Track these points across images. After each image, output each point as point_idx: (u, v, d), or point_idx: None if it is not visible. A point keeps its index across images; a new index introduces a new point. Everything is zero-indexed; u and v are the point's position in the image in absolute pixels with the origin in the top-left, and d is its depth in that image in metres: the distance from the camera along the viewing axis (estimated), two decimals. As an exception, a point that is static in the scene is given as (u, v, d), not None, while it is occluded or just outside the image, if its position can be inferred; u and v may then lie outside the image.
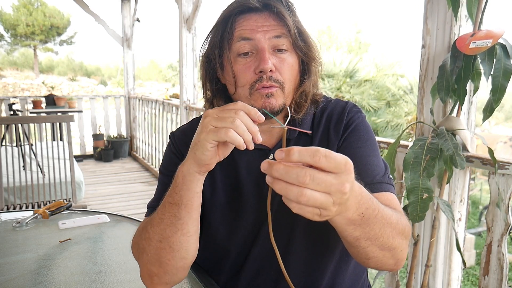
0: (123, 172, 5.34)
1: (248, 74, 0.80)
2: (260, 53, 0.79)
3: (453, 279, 1.69)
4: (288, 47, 0.81)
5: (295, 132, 0.87)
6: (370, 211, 0.61)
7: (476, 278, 3.79)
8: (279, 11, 0.80)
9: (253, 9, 0.81)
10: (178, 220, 0.74)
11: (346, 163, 0.50)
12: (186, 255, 0.78)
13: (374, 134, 0.89)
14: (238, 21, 0.82)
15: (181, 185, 0.72)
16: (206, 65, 0.87)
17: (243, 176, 0.87)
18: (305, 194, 0.48)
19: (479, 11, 1.45)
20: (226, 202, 0.88)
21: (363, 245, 0.66)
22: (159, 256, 0.77)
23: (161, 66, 28.63)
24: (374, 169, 0.82)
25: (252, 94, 0.80)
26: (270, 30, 0.80)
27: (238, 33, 0.81)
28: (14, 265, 0.99)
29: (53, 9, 23.10)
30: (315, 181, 0.48)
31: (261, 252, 0.87)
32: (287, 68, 0.81)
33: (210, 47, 0.86)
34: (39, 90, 19.78)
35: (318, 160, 0.48)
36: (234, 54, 0.81)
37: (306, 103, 0.85)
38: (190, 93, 4.10)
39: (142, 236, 0.80)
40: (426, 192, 1.40)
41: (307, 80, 0.84)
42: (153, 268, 0.78)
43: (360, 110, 0.91)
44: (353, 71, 10.40)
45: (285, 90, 0.81)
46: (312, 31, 0.86)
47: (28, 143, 2.98)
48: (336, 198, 0.50)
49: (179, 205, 0.73)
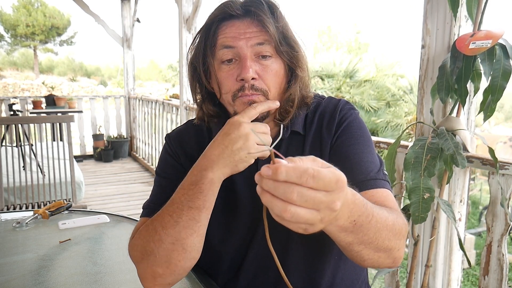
0: (123, 172, 5.34)
1: (230, 82, 0.81)
2: (242, 61, 0.79)
3: (453, 279, 1.69)
4: (272, 53, 0.81)
5: (288, 131, 0.87)
6: (363, 218, 0.59)
7: (476, 278, 3.79)
8: (260, 17, 0.79)
9: (235, 16, 0.81)
10: (197, 223, 0.75)
11: (338, 181, 0.48)
12: (196, 255, 0.79)
13: (368, 131, 0.89)
14: (220, 28, 0.82)
15: (207, 191, 0.74)
16: (192, 71, 0.88)
17: (237, 177, 0.86)
18: (289, 210, 0.47)
19: (479, 11, 1.45)
20: (220, 203, 0.88)
21: (357, 249, 0.65)
22: (169, 258, 0.76)
23: (161, 66, 28.62)
24: (368, 166, 0.81)
25: (235, 101, 0.81)
26: (253, 37, 0.79)
27: (220, 41, 0.81)
28: (14, 265, 0.99)
29: (53, 10, 23.10)
30: (303, 198, 0.46)
31: (258, 254, 0.86)
32: (270, 75, 0.81)
33: (194, 55, 0.86)
34: (39, 90, 19.78)
35: (305, 181, 0.46)
36: (217, 62, 0.82)
37: (293, 109, 0.85)
38: (190, 93, 4.10)
39: (150, 239, 0.78)
40: (428, 192, 1.40)
41: (293, 85, 0.84)
42: (159, 269, 0.78)
43: (353, 107, 0.90)
44: (353, 71, 10.41)
45: (269, 97, 0.81)
46: (312, 31, 0.86)
47: (28, 143, 2.98)
48: (325, 215, 0.49)
49: (201, 209, 0.75)
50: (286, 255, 0.84)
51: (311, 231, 0.51)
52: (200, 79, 0.87)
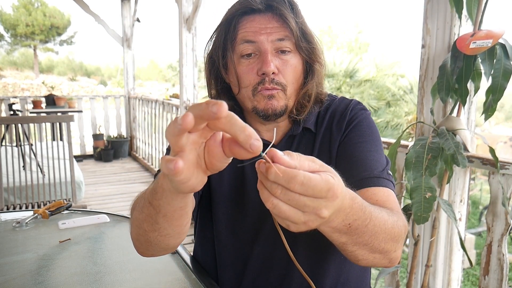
0: (123, 172, 5.34)
1: (251, 76, 0.81)
2: (262, 55, 0.80)
3: (453, 279, 1.69)
4: (292, 49, 0.82)
5: (299, 128, 0.88)
6: (359, 222, 0.58)
7: (476, 278, 3.79)
8: (282, 12, 0.80)
9: (256, 10, 0.81)
10: (155, 224, 0.66)
11: (329, 190, 0.47)
12: (166, 248, 0.74)
13: (377, 131, 0.89)
14: (241, 22, 0.82)
15: (160, 196, 0.59)
16: (210, 65, 0.88)
17: (248, 171, 0.87)
18: (271, 201, 0.47)
19: (479, 11, 1.45)
20: (230, 196, 0.88)
21: (351, 249, 0.64)
22: (138, 237, 0.73)
23: (161, 66, 28.62)
24: (373, 164, 0.81)
25: (255, 95, 0.82)
26: (273, 32, 0.80)
27: (241, 35, 0.81)
28: (14, 265, 0.98)
29: (53, 9, 23.09)
30: (286, 196, 0.46)
31: (264, 251, 0.86)
32: (290, 70, 0.82)
33: (213, 48, 0.87)
34: (39, 90, 19.77)
35: (293, 187, 0.45)
36: (237, 56, 0.82)
37: (309, 104, 0.86)
38: (190, 93, 4.10)
39: (134, 207, 0.74)
40: (429, 191, 1.40)
41: (310, 81, 0.85)
42: (135, 242, 0.75)
43: (365, 108, 0.91)
44: (353, 71, 10.41)
45: (287, 92, 0.82)
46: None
47: (28, 143, 2.98)
48: (310, 218, 0.48)
49: (158, 211, 0.62)
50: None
51: (293, 229, 0.50)
52: (218, 73, 0.87)
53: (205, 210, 0.93)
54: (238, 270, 0.89)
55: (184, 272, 0.95)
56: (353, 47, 24.44)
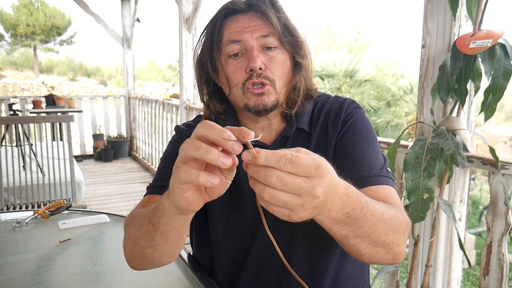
0: (123, 172, 5.34)
1: (239, 74, 0.82)
2: (248, 52, 0.81)
3: (453, 279, 1.69)
4: (277, 45, 0.83)
5: (292, 128, 0.88)
6: (357, 210, 0.59)
7: (476, 278, 3.79)
8: (262, 9, 0.82)
9: (239, 10, 0.84)
10: (152, 241, 0.70)
11: (318, 167, 0.49)
12: (158, 264, 0.77)
13: (373, 129, 0.89)
14: (225, 24, 0.84)
15: (160, 214, 0.64)
16: (200, 69, 0.89)
17: (241, 174, 0.86)
18: (267, 191, 0.49)
19: (479, 11, 1.45)
20: (225, 198, 0.88)
21: (353, 242, 0.65)
22: (134, 252, 0.76)
23: (161, 66, 28.62)
24: (371, 163, 0.81)
25: (244, 93, 0.82)
26: (257, 29, 0.82)
27: (226, 36, 0.83)
28: (14, 265, 0.98)
29: (53, 9, 23.09)
30: (282, 182, 0.48)
31: (261, 250, 0.86)
32: (277, 66, 0.83)
33: (201, 52, 0.88)
34: (39, 90, 19.78)
35: (283, 166, 0.48)
36: (225, 57, 0.84)
37: (299, 98, 0.86)
38: (190, 93, 4.10)
39: (129, 222, 0.78)
40: (427, 192, 1.40)
41: (298, 74, 0.86)
42: (129, 256, 0.78)
43: (359, 106, 0.91)
44: (353, 71, 10.42)
45: (277, 87, 0.83)
46: (312, 31, 0.87)
47: (28, 143, 2.98)
48: (306, 200, 0.50)
49: (156, 229, 0.67)
50: (289, 253, 0.84)
51: (295, 218, 0.52)
52: (208, 76, 0.89)
53: (201, 212, 0.93)
54: (235, 271, 0.89)
55: (183, 272, 0.95)
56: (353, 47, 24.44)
